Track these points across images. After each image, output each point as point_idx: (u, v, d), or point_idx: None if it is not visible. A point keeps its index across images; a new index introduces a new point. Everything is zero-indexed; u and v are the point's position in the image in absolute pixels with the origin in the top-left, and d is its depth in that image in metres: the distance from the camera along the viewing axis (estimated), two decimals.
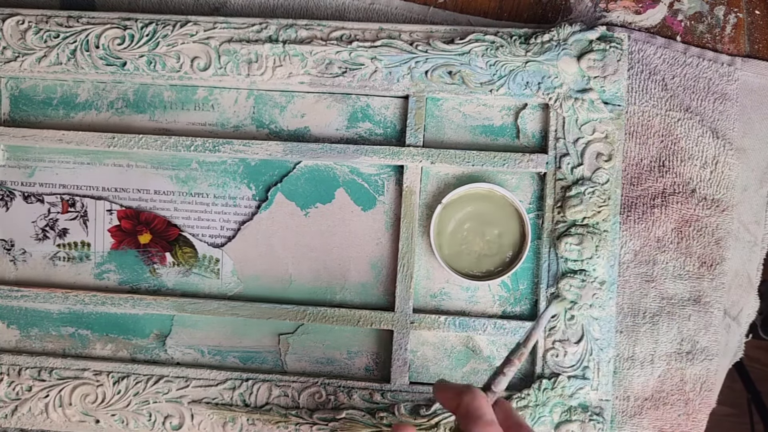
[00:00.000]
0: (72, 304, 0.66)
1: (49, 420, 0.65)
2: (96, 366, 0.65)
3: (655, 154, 0.65)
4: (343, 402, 0.64)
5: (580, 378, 0.62)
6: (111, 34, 0.64)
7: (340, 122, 0.66)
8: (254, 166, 0.66)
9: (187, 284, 0.67)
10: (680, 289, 0.65)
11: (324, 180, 0.66)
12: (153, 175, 0.67)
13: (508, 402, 0.59)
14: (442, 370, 0.65)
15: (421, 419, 0.63)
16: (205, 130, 0.67)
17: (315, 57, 0.64)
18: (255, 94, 0.66)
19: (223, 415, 0.64)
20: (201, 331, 0.66)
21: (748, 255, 0.67)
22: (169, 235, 0.67)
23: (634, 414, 0.65)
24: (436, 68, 0.63)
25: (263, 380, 0.64)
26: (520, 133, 0.65)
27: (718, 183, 0.65)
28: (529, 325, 0.62)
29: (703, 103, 0.65)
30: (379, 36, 0.64)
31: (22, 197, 0.68)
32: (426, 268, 0.65)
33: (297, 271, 0.66)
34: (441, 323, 0.63)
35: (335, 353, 0.66)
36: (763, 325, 0.92)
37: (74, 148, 0.66)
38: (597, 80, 0.62)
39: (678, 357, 0.65)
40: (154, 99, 0.67)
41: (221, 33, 0.64)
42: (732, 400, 1.10)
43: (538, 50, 0.62)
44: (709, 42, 0.67)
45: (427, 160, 0.63)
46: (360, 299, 0.66)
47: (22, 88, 0.67)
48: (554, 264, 0.63)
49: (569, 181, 0.62)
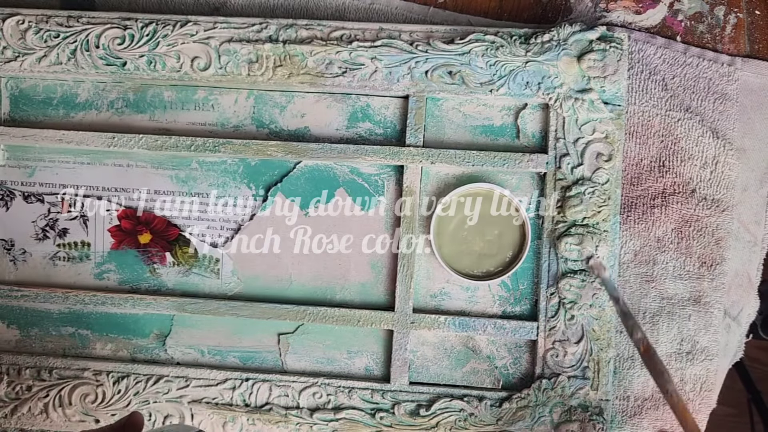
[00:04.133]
0: (72, 304, 0.66)
1: (48, 420, 0.65)
2: (96, 366, 0.65)
3: (655, 154, 0.65)
4: (343, 402, 0.64)
5: (580, 378, 0.62)
6: (111, 34, 0.64)
7: (340, 122, 0.66)
8: (254, 166, 0.66)
9: (187, 284, 0.67)
10: (680, 289, 0.65)
11: (324, 180, 0.66)
12: (153, 175, 0.67)
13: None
14: (442, 370, 0.65)
15: (421, 419, 0.63)
16: (205, 130, 0.67)
17: (315, 57, 0.64)
18: (255, 94, 0.66)
19: (223, 415, 0.64)
20: (201, 331, 0.66)
21: (748, 255, 0.67)
22: (169, 235, 0.67)
23: (634, 414, 0.65)
24: (436, 68, 0.63)
25: (263, 380, 0.64)
26: (520, 133, 0.65)
27: (718, 183, 0.65)
28: (530, 326, 0.62)
29: (704, 103, 0.65)
30: (379, 36, 0.63)
31: (22, 197, 0.68)
32: (426, 268, 0.65)
33: (297, 271, 0.66)
34: (441, 323, 0.63)
35: (335, 353, 0.66)
36: (763, 325, 0.92)
37: (74, 148, 0.66)
38: (597, 80, 0.62)
39: (678, 357, 0.65)
40: (154, 99, 0.67)
41: (221, 33, 0.64)
42: (732, 400, 1.10)
43: (538, 50, 0.62)
44: (709, 42, 0.67)
45: (427, 160, 0.63)
46: (360, 299, 0.66)
47: (22, 87, 0.67)
48: (554, 264, 0.63)
49: (569, 181, 0.62)
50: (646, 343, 0.52)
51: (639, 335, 0.52)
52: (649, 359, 0.51)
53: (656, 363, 0.51)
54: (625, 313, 0.53)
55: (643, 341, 0.52)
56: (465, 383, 0.65)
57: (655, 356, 0.51)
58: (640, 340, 0.52)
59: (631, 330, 0.53)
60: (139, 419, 0.54)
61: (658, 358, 0.51)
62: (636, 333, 0.52)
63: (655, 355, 0.51)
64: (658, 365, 0.51)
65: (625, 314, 0.53)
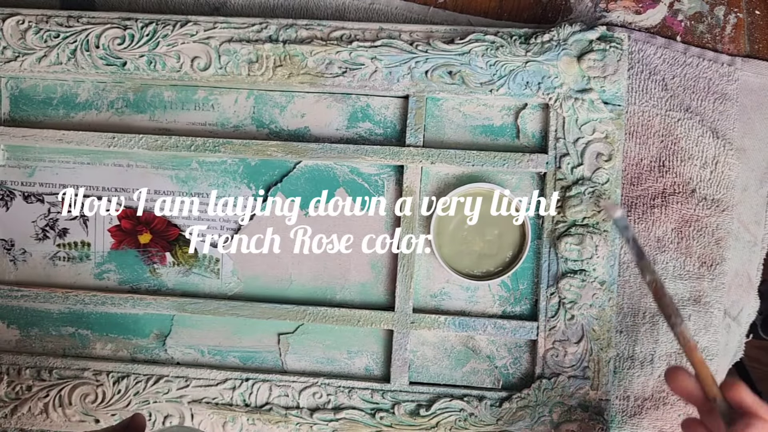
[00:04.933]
0: (72, 304, 0.66)
1: (48, 420, 0.65)
2: (96, 366, 0.65)
3: (655, 154, 0.65)
4: (343, 402, 0.64)
5: (580, 378, 0.62)
6: (111, 34, 0.64)
7: (340, 122, 0.66)
8: (254, 166, 0.66)
9: (187, 284, 0.67)
10: (680, 289, 0.65)
11: (324, 180, 0.66)
12: (153, 175, 0.67)
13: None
14: (442, 370, 0.65)
15: (421, 419, 0.63)
16: (205, 130, 0.67)
17: (315, 57, 0.64)
18: (255, 94, 0.66)
19: (223, 415, 0.64)
20: (201, 331, 0.66)
21: (748, 255, 0.67)
22: (169, 235, 0.67)
23: (634, 414, 0.65)
24: (437, 68, 0.63)
25: (263, 380, 0.64)
26: (520, 133, 0.65)
27: (718, 183, 0.65)
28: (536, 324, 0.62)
29: (703, 103, 0.65)
30: (379, 36, 0.63)
31: (22, 197, 0.68)
32: (426, 268, 0.65)
33: (297, 271, 0.66)
34: (441, 323, 0.63)
35: (335, 353, 0.66)
36: (763, 325, 0.92)
37: (74, 147, 0.66)
38: (597, 80, 0.62)
39: (678, 357, 0.65)
40: (154, 99, 0.67)
41: (221, 33, 0.64)
42: None
43: (538, 50, 0.62)
44: (709, 42, 0.67)
45: (427, 160, 0.63)
46: (360, 299, 0.66)
47: (22, 87, 0.67)
48: (554, 264, 0.63)
49: (569, 181, 0.62)
50: (658, 284, 0.52)
51: (650, 277, 0.52)
52: (660, 300, 0.52)
53: (667, 305, 0.51)
54: (638, 253, 0.53)
55: (656, 282, 0.52)
56: (465, 383, 0.65)
57: (665, 298, 0.51)
58: (652, 281, 0.52)
59: (643, 270, 0.53)
60: (142, 421, 0.54)
61: (669, 299, 0.51)
62: (647, 274, 0.52)
63: (665, 297, 0.51)
64: (669, 306, 0.51)
65: (637, 254, 0.53)
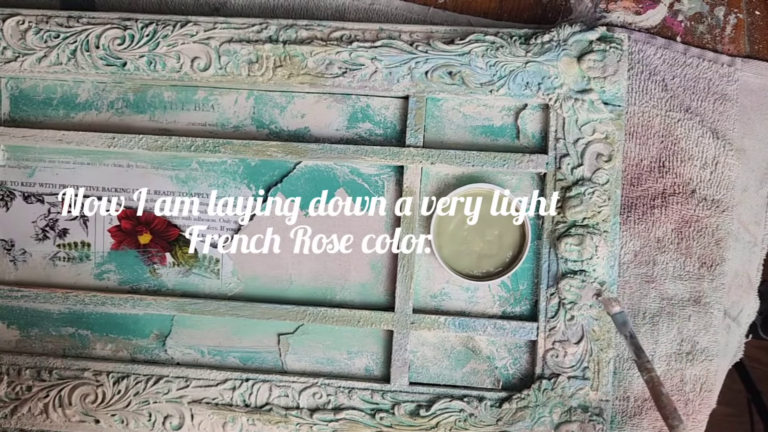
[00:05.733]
0: (72, 304, 0.66)
1: (48, 420, 0.65)
2: (96, 366, 0.65)
3: (655, 155, 0.65)
4: (343, 402, 0.64)
5: (580, 378, 0.62)
6: (111, 34, 0.64)
7: (340, 122, 0.66)
8: (254, 167, 0.66)
9: (187, 284, 0.67)
10: (680, 289, 0.65)
11: (324, 180, 0.66)
12: (153, 175, 0.67)
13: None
14: (442, 371, 0.65)
15: (421, 419, 0.63)
16: (205, 131, 0.67)
17: (315, 57, 0.64)
18: (255, 95, 0.66)
19: (223, 415, 0.64)
20: (201, 332, 0.66)
21: (748, 255, 0.67)
22: (169, 235, 0.67)
23: (634, 414, 0.65)
24: (436, 68, 0.63)
25: (263, 380, 0.64)
26: (520, 134, 0.65)
27: (718, 183, 0.65)
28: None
29: (704, 104, 0.65)
30: (379, 36, 0.63)
31: (22, 197, 0.68)
32: (426, 268, 0.65)
33: (297, 272, 0.66)
34: (441, 323, 0.63)
35: (335, 353, 0.66)
36: (763, 325, 0.92)
37: (74, 148, 0.66)
38: (597, 81, 0.62)
39: (678, 357, 0.65)
40: (154, 99, 0.67)
41: (221, 33, 0.64)
42: (732, 400, 1.10)
43: (538, 51, 0.62)
44: (709, 42, 0.67)
45: (427, 161, 0.63)
46: (360, 299, 0.66)
47: (22, 88, 0.67)
48: (554, 264, 0.63)
49: (569, 182, 0.62)
50: (656, 383, 0.51)
51: (648, 375, 0.51)
52: (657, 399, 0.51)
53: (664, 405, 0.50)
54: (636, 350, 0.52)
55: (653, 381, 0.51)
56: (465, 383, 0.65)
57: (663, 397, 0.50)
58: (649, 380, 0.51)
59: (640, 368, 0.52)
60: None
61: (667, 398, 0.50)
62: (645, 372, 0.52)
63: (663, 396, 0.51)
64: (666, 407, 0.50)
65: (636, 351, 0.52)
